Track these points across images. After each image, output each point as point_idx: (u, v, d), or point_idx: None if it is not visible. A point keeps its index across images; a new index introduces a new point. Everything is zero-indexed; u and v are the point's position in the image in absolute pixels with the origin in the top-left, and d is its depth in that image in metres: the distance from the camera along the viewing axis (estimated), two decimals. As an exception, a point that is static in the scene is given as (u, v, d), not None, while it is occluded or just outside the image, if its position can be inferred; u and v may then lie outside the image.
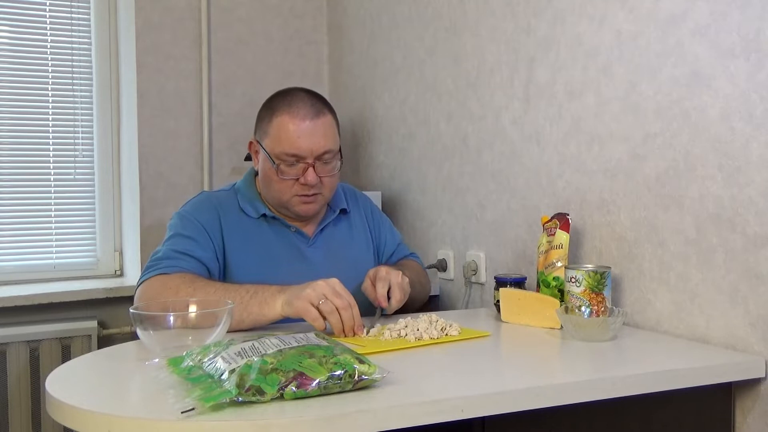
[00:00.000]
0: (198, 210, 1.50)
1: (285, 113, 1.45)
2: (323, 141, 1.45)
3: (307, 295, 1.22)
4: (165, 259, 1.39)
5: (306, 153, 1.44)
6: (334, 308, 1.21)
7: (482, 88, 1.84)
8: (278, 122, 1.45)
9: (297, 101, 1.47)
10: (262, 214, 1.52)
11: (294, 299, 1.23)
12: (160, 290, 1.32)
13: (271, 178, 1.48)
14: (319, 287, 1.23)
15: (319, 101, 1.50)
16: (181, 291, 1.30)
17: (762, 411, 1.15)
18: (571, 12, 1.54)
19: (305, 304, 1.22)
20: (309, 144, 1.44)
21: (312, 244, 1.56)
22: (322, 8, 2.74)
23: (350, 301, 1.23)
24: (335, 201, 1.62)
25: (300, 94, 1.49)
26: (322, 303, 1.21)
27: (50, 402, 0.93)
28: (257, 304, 1.27)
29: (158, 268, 1.37)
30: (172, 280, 1.34)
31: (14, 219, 2.41)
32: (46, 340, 2.20)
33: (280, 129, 1.45)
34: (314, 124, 1.45)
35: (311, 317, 1.22)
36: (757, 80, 1.15)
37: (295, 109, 1.45)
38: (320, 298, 1.21)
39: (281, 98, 1.49)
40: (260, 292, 1.29)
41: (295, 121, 1.44)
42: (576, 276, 1.31)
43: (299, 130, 1.44)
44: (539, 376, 1.04)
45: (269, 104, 1.51)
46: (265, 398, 0.85)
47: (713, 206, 1.22)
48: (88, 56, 2.49)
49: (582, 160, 1.51)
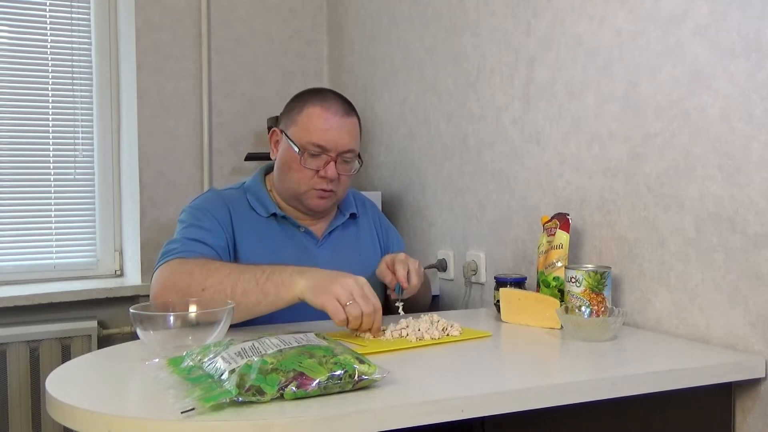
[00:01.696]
0: (209, 203, 1.51)
1: (318, 105, 1.50)
2: (348, 139, 1.50)
3: (335, 293, 1.19)
4: (180, 245, 1.39)
5: (331, 146, 1.48)
6: (359, 313, 1.19)
7: (482, 88, 1.84)
8: (310, 112, 1.49)
9: (329, 98, 1.53)
10: (272, 213, 1.53)
11: (320, 291, 1.20)
12: (175, 274, 1.31)
13: (291, 166, 1.50)
14: (349, 286, 1.20)
15: (348, 103, 1.55)
16: (195, 273, 1.29)
17: (762, 411, 1.15)
18: (571, 12, 1.54)
19: (333, 301, 1.19)
20: (336, 138, 1.48)
21: (321, 245, 1.56)
22: (322, 8, 2.74)
23: (377, 305, 1.21)
24: (345, 205, 1.64)
25: (332, 94, 1.56)
26: (350, 305, 1.18)
27: (50, 402, 0.93)
28: (274, 286, 1.24)
29: (174, 253, 1.36)
30: (186, 264, 1.33)
31: (14, 219, 2.41)
32: (46, 340, 2.20)
33: (311, 119, 1.49)
34: (343, 121, 1.50)
35: (338, 318, 1.19)
36: (757, 80, 1.15)
37: (327, 103, 1.50)
38: (349, 298, 1.19)
39: (314, 93, 1.55)
40: (277, 272, 1.26)
41: (327, 114, 1.49)
42: (576, 276, 1.31)
43: (329, 123, 1.48)
44: (539, 376, 1.04)
45: (301, 96, 1.56)
46: (265, 398, 0.85)
47: (713, 206, 1.22)
48: (88, 56, 2.49)
49: (582, 160, 1.51)
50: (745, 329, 1.17)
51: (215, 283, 1.26)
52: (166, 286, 1.30)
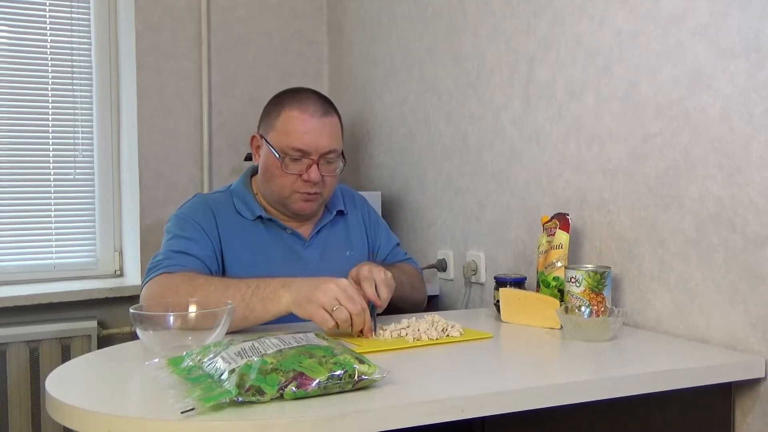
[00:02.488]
0: (194, 211, 1.51)
1: (295, 108, 1.47)
2: (329, 140, 1.47)
3: (319, 300, 1.19)
4: (165, 259, 1.40)
5: (312, 149, 1.45)
6: (348, 316, 1.19)
7: (482, 88, 1.84)
8: (287, 116, 1.47)
9: (306, 99, 1.49)
10: (257, 216, 1.52)
11: (305, 303, 1.20)
12: (161, 290, 1.32)
13: (273, 172, 1.48)
14: (332, 291, 1.19)
15: (326, 102, 1.52)
16: (181, 289, 1.29)
17: (762, 411, 1.15)
18: (571, 12, 1.54)
19: (318, 310, 1.19)
20: (316, 140, 1.45)
21: (308, 245, 1.55)
22: (322, 8, 2.73)
23: (363, 304, 1.21)
24: (332, 202, 1.62)
25: (309, 93, 1.52)
26: (336, 310, 1.18)
27: (50, 402, 0.93)
28: (260, 301, 1.25)
29: (159, 268, 1.37)
30: (172, 280, 1.34)
31: (14, 219, 2.41)
32: (46, 340, 2.20)
33: (288, 123, 1.46)
34: (322, 122, 1.47)
35: (327, 326, 1.19)
36: (757, 80, 1.15)
37: (305, 105, 1.47)
38: (333, 304, 1.18)
39: (291, 95, 1.52)
40: (262, 287, 1.26)
41: (304, 116, 1.46)
42: (576, 276, 1.31)
43: (307, 125, 1.46)
44: (539, 376, 1.04)
45: (278, 99, 1.53)
46: (265, 398, 0.85)
47: (713, 206, 1.22)
48: (88, 56, 2.49)
49: (582, 160, 1.51)
50: (745, 329, 1.17)
51: (200, 300, 1.25)
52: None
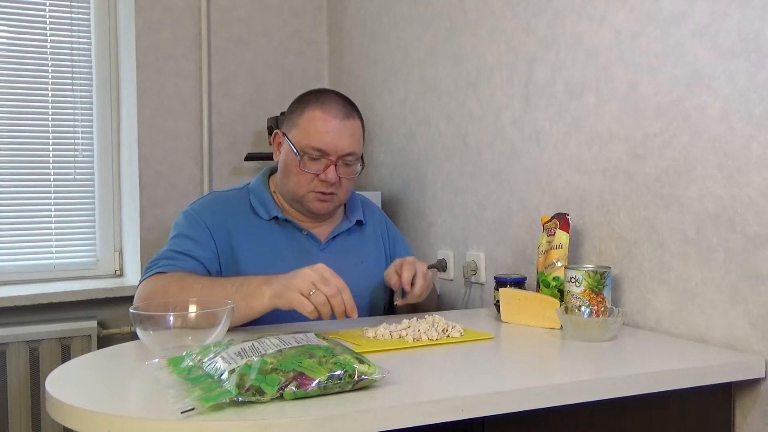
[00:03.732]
0: (204, 210, 1.51)
1: (317, 108, 1.48)
2: (349, 142, 1.48)
3: (297, 286, 1.20)
4: (163, 259, 1.41)
5: (331, 150, 1.46)
6: (325, 299, 1.20)
7: (482, 88, 1.84)
8: (309, 115, 1.48)
9: (330, 100, 1.51)
10: (273, 216, 1.52)
11: (284, 291, 1.22)
12: (152, 290, 1.33)
13: (291, 170, 1.49)
14: (307, 276, 1.21)
15: (350, 105, 1.54)
16: (170, 289, 1.30)
17: (762, 411, 1.15)
18: (571, 12, 1.54)
19: (296, 295, 1.20)
20: (336, 142, 1.46)
21: (324, 248, 1.56)
22: (322, 8, 2.74)
23: (339, 285, 1.21)
24: (352, 211, 1.63)
25: (333, 95, 1.54)
26: (313, 294, 1.19)
27: (50, 402, 0.93)
28: (243, 298, 1.25)
29: (155, 267, 1.39)
30: (162, 280, 1.35)
31: (14, 219, 2.41)
32: (46, 340, 2.20)
33: (310, 122, 1.48)
34: (344, 124, 1.48)
35: (305, 311, 1.20)
36: (757, 80, 1.15)
37: (327, 106, 1.49)
38: (310, 288, 1.20)
39: (315, 95, 1.53)
40: (245, 284, 1.27)
41: (327, 117, 1.47)
42: (576, 276, 1.31)
43: (328, 126, 1.47)
44: (539, 376, 1.04)
45: (302, 98, 1.55)
46: (264, 398, 0.85)
47: (713, 206, 1.22)
48: (88, 56, 2.49)
49: (582, 160, 1.51)
50: (745, 329, 1.17)
51: (187, 299, 1.25)
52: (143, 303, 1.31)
